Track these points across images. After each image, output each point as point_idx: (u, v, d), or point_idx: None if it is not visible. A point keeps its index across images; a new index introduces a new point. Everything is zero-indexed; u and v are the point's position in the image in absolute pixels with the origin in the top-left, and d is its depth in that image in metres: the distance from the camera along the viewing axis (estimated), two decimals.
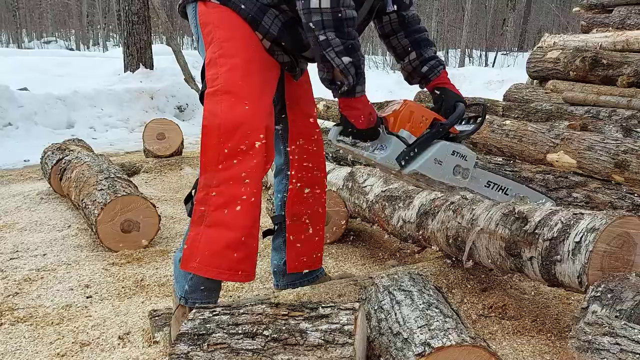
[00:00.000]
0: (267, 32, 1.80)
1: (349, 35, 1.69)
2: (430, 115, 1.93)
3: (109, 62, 11.62)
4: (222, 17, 1.80)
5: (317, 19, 1.65)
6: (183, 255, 1.77)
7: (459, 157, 1.95)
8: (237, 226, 1.72)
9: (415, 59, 2.08)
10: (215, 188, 1.72)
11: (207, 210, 1.73)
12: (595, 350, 1.35)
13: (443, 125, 1.92)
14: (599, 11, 6.56)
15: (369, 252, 2.89)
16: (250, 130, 1.71)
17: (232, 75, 1.75)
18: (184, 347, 1.38)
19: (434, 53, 2.10)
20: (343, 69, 1.70)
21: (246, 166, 1.71)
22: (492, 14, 25.71)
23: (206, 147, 1.74)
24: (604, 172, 2.71)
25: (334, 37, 1.67)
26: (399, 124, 1.89)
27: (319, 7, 1.64)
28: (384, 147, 1.89)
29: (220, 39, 1.79)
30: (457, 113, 1.97)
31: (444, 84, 2.09)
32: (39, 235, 3.23)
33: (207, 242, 1.73)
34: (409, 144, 1.89)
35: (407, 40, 2.08)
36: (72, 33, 38.80)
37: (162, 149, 5.13)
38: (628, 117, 4.50)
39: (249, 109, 1.72)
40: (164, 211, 3.54)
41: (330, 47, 1.68)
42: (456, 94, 2.05)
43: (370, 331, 1.57)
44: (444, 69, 2.10)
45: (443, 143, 1.92)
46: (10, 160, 5.57)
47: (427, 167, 1.90)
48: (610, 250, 1.71)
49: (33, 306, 2.29)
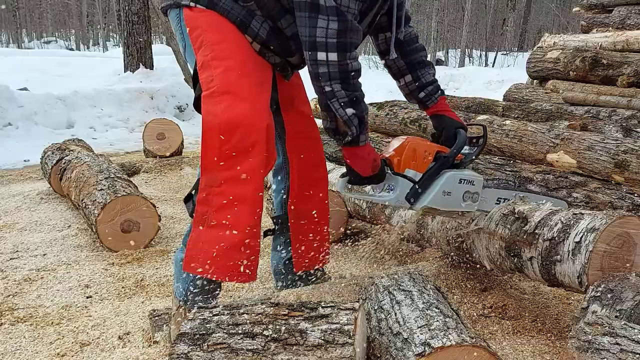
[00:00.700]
0: (256, 35, 1.79)
1: (355, 87, 1.71)
2: (432, 149, 1.94)
3: (109, 62, 11.63)
4: (210, 21, 1.78)
5: (324, 70, 1.67)
6: (185, 257, 1.76)
7: (467, 183, 1.96)
8: (239, 227, 1.71)
9: (411, 81, 2.06)
10: (217, 188, 1.72)
11: (209, 211, 1.73)
12: (595, 350, 1.35)
13: (447, 158, 1.93)
14: (599, 11, 6.56)
15: (369, 252, 2.88)
16: (251, 130, 1.70)
17: (227, 76, 1.74)
18: (184, 347, 1.38)
19: (432, 76, 2.06)
20: (346, 120, 1.72)
21: (247, 166, 1.70)
22: (492, 14, 25.71)
23: (206, 148, 1.73)
24: (604, 172, 2.70)
25: (339, 89, 1.68)
26: (403, 164, 1.90)
27: (326, 60, 1.66)
28: (392, 188, 1.91)
29: (210, 41, 1.77)
30: (459, 142, 1.96)
31: (442, 111, 2.06)
32: (39, 235, 3.23)
33: (209, 244, 1.72)
34: (415, 181, 1.90)
35: (402, 61, 2.05)
36: (72, 33, 38.83)
37: (162, 149, 5.13)
38: (628, 117, 4.50)
39: (249, 108, 1.72)
40: (164, 211, 3.54)
41: (335, 98, 1.69)
42: (456, 121, 2.03)
43: (370, 331, 1.57)
44: (443, 95, 2.07)
45: (449, 174, 1.93)
46: (10, 160, 5.57)
47: (437, 200, 1.91)
48: (610, 250, 1.71)
49: (33, 306, 2.29)
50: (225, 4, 1.77)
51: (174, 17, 1.89)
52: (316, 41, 1.65)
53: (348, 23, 1.65)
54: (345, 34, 1.65)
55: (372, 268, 2.68)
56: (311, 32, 1.65)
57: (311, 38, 1.65)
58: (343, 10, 1.64)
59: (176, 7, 1.87)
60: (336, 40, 1.64)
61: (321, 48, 1.65)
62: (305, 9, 1.65)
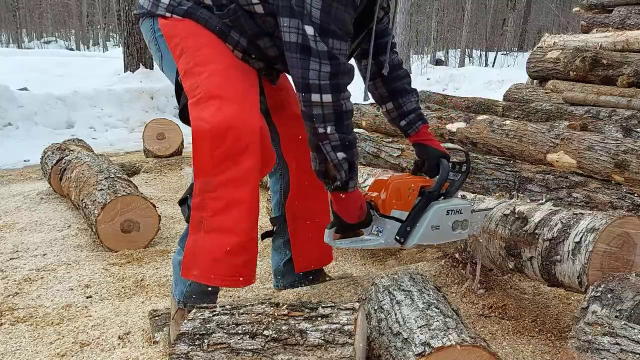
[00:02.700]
0: (237, 43, 1.76)
1: (348, 130, 1.68)
2: (416, 184, 1.90)
3: (109, 62, 11.63)
4: (188, 28, 1.75)
5: (319, 112, 1.63)
6: (183, 263, 1.75)
7: (454, 213, 1.93)
8: (236, 230, 1.69)
9: (392, 109, 2.03)
10: (212, 193, 1.69)
11: (205, 216, 1.71)
12: (595, 350, 1.35)
13: (431, 193, 1.90)
14: (599, 11, 6.56)
15: (369, 252, 2.88)
16: (243, 131, 1.66)
17: (212, 81, 1.70)
18: (184, 347, 1.38)
19: (415, 104, 2.03)
20: (336, 164, 1.68)
21: (242, 168, 1.67)
22: (492, 14, 25.71)
23: (198, 153, 1.69)
24: (604, 172, 2.70)
25: (333, 132, 1.65)
26: (388, 205, 1.86)
27: (321, 101, 1.62)
28: (380, 230, 1.86)
29: (191, 48, 1.73)
30: (442, 174, 1.92)
31: (425, 140, 2.02)
32: (39, 235, 3.23)
33: (207, 249, 1.71)
34: (403, 221, 1.86)
35: (384, 89, 2.02)
36: (72, 33, 38.84)
37: (162, 149, 5.13)
38: (628, 117, 4.50)
39: (238, 110, 1.67)
40: (164, 211, 3.54)
41: (328, 140, 1.65)
42: (438, 151, 1.99)
43: (370, 331, 1.57)
44: (424, 124, 2.04)
45: (435, 208, 1.89)
46: (10, 160, 5.57)
47: (426, 236, 1.88)
48: (610, 251, 1.71)
49: (33, 306, 2.29)
50: (203, 14, 1.73)
51: (147, 27, 1.83)
52: (309, 83, 1.61)
53: (340, 66, 1.63)
54: (338, 76, 1.63)
55: (372, 268, 2.68)
56: (304, 74, 1.62)
57: (304, 80, 1.62)
58: (335, 53, 1.61)
59: (149, 16, 1.81)
60: (329, 82, 1.61)
61: (315, 90, 1.61)
62: (296, 50, 1.61)
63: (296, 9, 1.59)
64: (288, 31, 1.61)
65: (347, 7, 1.61)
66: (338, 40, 1.61)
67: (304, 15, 1.58)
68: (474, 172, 3.03)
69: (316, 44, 1.59)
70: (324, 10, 1.57)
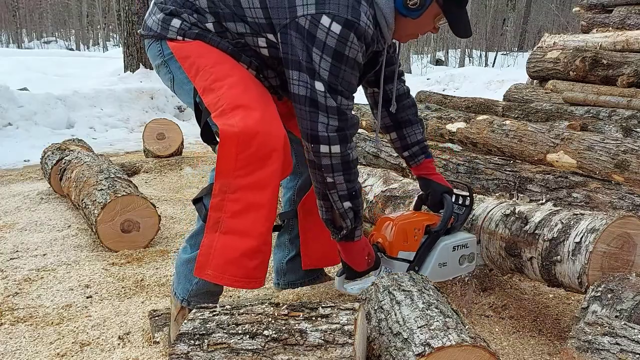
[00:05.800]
0: (250, 63, 1.78)
1: (354, 178, 1.74)
2: (421, 224, 1.94)
3: (109, 62, 11.64)
4: (199, 48, 1.75)
5: (327, 162, 1.69)
6: (197, 262, 1.75)
7: (461, 248, 1.97)
8: (254, 233, 1.70)
9: (396, 139, 2.08)
10: (232, 195, 1.69)
11: (223, 217, 1.71)
12: (595, 350, 1.35)
13: (437, 232, 1.94)
14: (599, 11, 6.57)
15: None
16: (268, 137, 1.67)
17: (233, 92, 1.71)
18: (184, 347, 1.38)
19: (420, 135, 2.06)
20: (342, 213, 1.75)
21: (264, 173, 1.68)
22: (492, 14, 25.72)
23: (223, 154, 1.69)
24: (604, 172, 2.71)
25: (341, 182, 1.71)
26: (395, 247, 1.92)
27: (329, 153, 1.68)
28: (389, 272, 1.90)
29: (207, 65, 1.74)
30: (447, 211, 1.95)
31: (428, 175, 2.06)
32: (39, 235, 3.23)
33: (222, 250, 1.71)
34: (410, 261, 1.92)
35: (389, 119, 2.06)
36: (72, 33, 38.83)
37: (162, 149, 5.13)
38: (628, 117, 4.50)
39: (263, 117, 1.69)
40: (164, 211, 3.54)
41: (335, 190, 1.72)
42: (442, 186, 2.02)
43: (370, 331, 1.57)
44: (428, 158, 2.06)
45: (441, 246, 1.94)
46: (10, 160, 5.57)
47: (435, 274, 1.93)
48: (611, 251, 1.71)
49: (33, 306, 2.29)
50: (214, 37, 1.75)
51: (155, 51, 1.82)
52: (318, 135, 1.67)
53: (348, 121, 1.68)
54: (345, 130, 1.68)
55: None
56: (313, 127, 1.67)
57: (313, 132, 1.67)
58: (343, 109, 1.66)
59: (157, 39, 1.80)
60: (337, 134, 1.67)
61: (324, 141, 1.67)
62: (305, 103, 1.66)
63: (305, 64, 1.62)
64: (297, 84, 1.65)
65: (354, 69, 1.67)
66: (346, 98, 1.67)
67: (314, 72, 1.62)
68: (474, 172, 3.03)
69: (325, 99, 1.64)
70: (332, 72, 1.62)
